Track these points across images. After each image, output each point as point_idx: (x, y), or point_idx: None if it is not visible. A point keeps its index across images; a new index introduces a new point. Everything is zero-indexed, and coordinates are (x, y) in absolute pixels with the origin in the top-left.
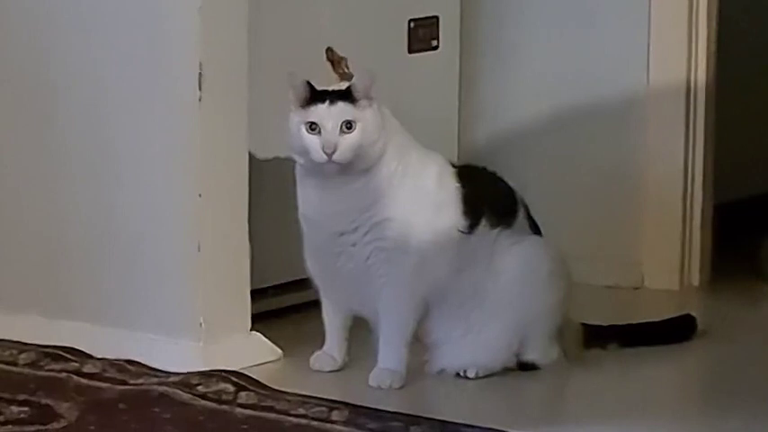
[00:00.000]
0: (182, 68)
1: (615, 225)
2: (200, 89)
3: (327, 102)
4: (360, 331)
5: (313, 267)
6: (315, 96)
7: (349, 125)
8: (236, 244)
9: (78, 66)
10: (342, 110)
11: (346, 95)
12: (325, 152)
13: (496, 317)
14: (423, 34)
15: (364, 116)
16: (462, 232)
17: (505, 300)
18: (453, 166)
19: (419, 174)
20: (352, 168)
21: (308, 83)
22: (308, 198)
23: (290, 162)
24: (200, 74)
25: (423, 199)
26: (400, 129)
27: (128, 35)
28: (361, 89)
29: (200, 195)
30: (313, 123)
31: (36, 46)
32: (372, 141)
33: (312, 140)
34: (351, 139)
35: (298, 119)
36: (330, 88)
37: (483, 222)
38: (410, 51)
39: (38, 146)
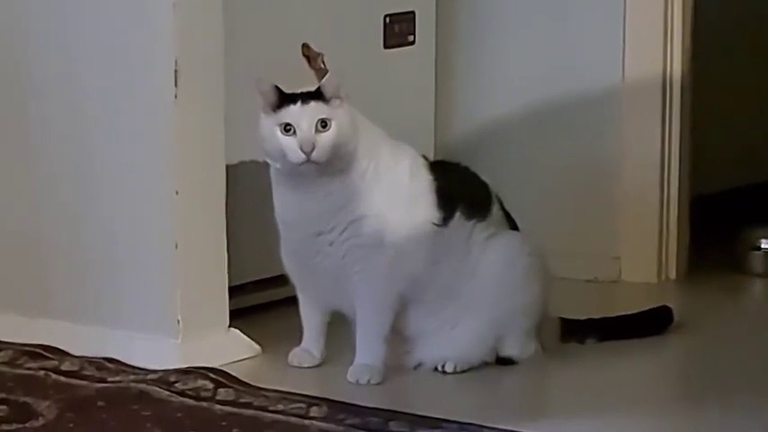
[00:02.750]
0: (157, 65)
1: (593, 219)
2: (175, 86)
3: (300, 102)
4: (338, 327)
5: (290, 266)
6: (285, 99)
7: (324, 123)
8: (213, 241)
9: (54, 63)
10: (315, 109)
11: (317, 95)
12: (303, 151)
13: (474, 312)
14: (399, 29)
15: (338, 114)
16: (437, 225)
17: (483, 295)
18: (426, 159)
19: (391, 168)
20: (329, 168)
21: (277, 87)
22: (285, 201)
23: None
24: (175, 71)
25: (396, 193)
26: (369, 125)
27: (103, 32)
28: (330, 89)
29: (176, 192)
30: (288, 124)
31: (12, 43)
32: (347, 139)
33: (288, 142)
34: (327, 136)
35: (271, 122)
36: (299, 90)
37: (457, 214)
38: (386, 47)
39: (14, 143)
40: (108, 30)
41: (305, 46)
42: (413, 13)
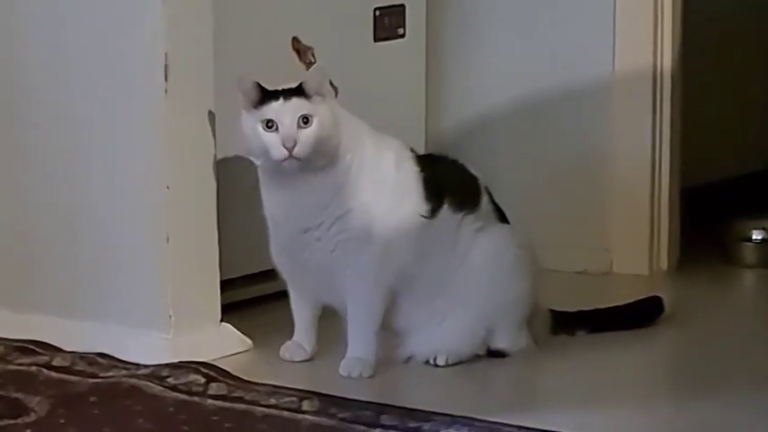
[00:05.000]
0: (147, 60)
1: (583, 211)
2: (166, 81)
3: (282, 98)
4: (329, 320)
5: (279, 261)
6: (267, 95)
7: (306, 119)
8: (204, 235)
9: (45, 59)
10: (297, 105)
11: (299, 91)
12: (285, 147)
13: (463, 304)
14: (389, 22)
15: (320, 110)
16: (425, 217)
17: (472, 288)
18: (413, 151)
19: (377, 162)
20: (311, 165)
21: (258, 83)
22: (272, 198)
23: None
24: (165, 65)
25: (383, 186)
26: (352, 119)
27: (93, 28)
28: (312, 86)
29: (168, 187)
30: (270, 121)
31: (2, 39)
32: (329, 135)
33: (271, 138)
34: (309, 132)
35: (252, 119)
36: (281, 87)
37: (445, 206)
38: (376, 40)
39: (4, 139)
40: (98, 25)
41: (295, 40)
42: (403, 6)
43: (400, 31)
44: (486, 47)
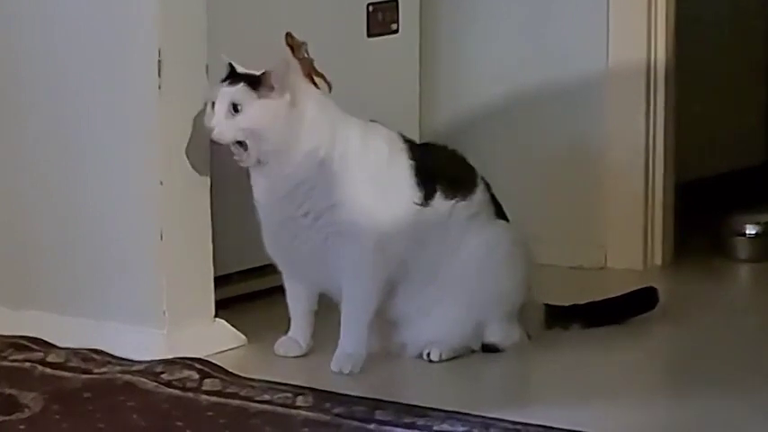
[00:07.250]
0: (141, 56)
1: (578, 206)
2: (159, 76)
3: (228, 82)
4: (325, 316)
5: (271, 248)
6: (227, 76)
7: (235, 108)
8: (198, 231)
9: (38, 56)
10: (233, 92)
11: (252, 80)
12: (210, 127)
13: (454, 296)
14: (382, 18)
15: (259, 104)
16: (418, 204)
17: (463, 280)
18: (408, 140)
19: (364, 154)
20: (252, 152)
21: (230, 64)
22: (257, 183)
23: None
24: (159, 61)
25: (372, 177)
26: (333, 114)
27: (87, 23)
28: (273, 78)
29: (161, 183)
30: (213, 102)
31: None
32: (264, 128)
33: (208, 116)
34: (233, 121)
35: (208, 96)
36: (243, 71)
37: (438, 193)
38: (369, 35)
39: None
40: (92, 21)
41: (288, 35)
42: (396, 1)
43: (394, 26)
44: (480, 42)
